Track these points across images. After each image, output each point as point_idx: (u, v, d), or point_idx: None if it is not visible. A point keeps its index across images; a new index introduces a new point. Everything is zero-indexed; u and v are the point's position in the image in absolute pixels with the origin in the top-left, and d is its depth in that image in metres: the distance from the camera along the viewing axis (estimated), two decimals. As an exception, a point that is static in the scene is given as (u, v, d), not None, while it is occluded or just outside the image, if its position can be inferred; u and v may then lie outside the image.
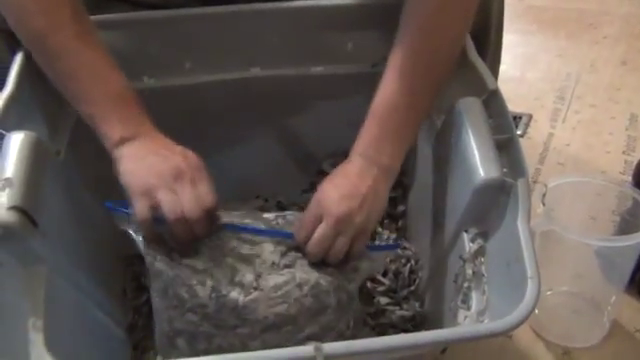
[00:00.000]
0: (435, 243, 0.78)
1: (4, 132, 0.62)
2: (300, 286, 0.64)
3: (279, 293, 0.63)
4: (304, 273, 0.65)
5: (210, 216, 0.62)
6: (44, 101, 0.71)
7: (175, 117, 0.87)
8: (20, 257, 0.59)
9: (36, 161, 0.61)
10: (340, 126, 0.91)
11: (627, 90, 1.36)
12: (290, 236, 0.67)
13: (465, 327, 0.60)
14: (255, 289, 0.63)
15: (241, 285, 0.64)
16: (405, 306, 0.79)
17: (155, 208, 0.60)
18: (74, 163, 0.72)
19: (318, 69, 0.84)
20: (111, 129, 0.62)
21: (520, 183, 0.61)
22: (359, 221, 0.62)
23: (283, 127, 0.93)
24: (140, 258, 0.84)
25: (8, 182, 0.58)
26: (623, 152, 1.20)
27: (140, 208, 0.60)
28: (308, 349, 0.50)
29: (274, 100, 0.87)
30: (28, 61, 0.69)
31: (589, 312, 0.89)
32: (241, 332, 0.63)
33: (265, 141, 0.93)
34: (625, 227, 0.86)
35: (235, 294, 0.63)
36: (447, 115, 0.72)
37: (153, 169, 0.60)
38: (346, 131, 0.91)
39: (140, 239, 0.66)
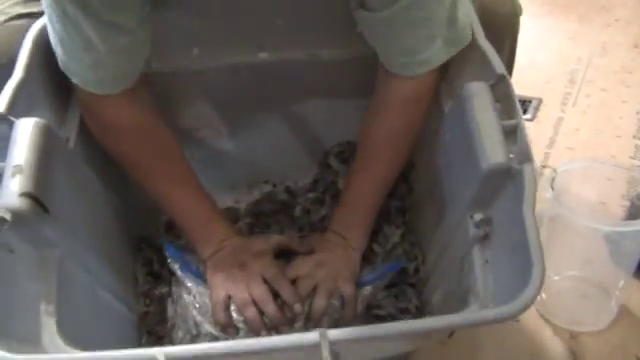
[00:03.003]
0: (440, 229, 0.77)
1: (13, 119, 0.62)
2: None
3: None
4: None
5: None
6: (53, 87, 0.71)
7: (183, 102, 0.88)
8: (32, 242, 0.59)
9: (46, 147, 0.61)
10: (348, 110, 0.91)
11: (639, 73, 1.35)
12: None
13: (470, 313, 0.60)
14: None
15: None
16: (401, 297, 0.79)
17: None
18: (83, 149, 0.72)
19: (327, 52, 0.84)
20: (203, 247, 0.75)
21: (526, 169, 0.60)
22: (323, 274, 0.72)
23: (291, 112, 0.92)
24: (148, 242, 0.86)
25: (18, 169, 0.58)
26: (634, 136, 1.19)
27: (219, 318, 0.70)
28: (313, 335, 0.50)
29: (282, 85, 0.87)
30: (37, 47, 0.69)
31: (597, 297, 0.89)
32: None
33: (273, 126, 0.92)
34: (635, 212, 0.86)
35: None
36: (454, 100, 0.71)
37: (230, 278, 0.71)
38: (354, 116, 0.91)
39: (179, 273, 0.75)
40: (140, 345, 0.76)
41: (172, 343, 0.73)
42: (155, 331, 0.77)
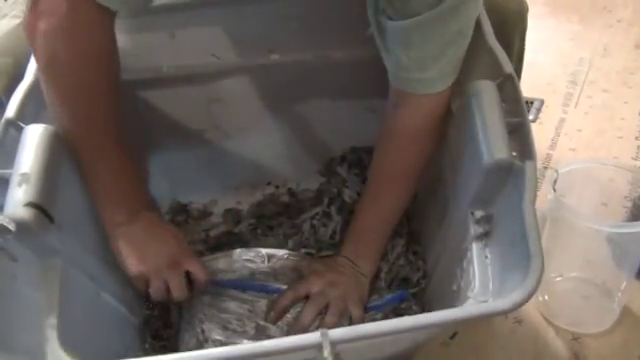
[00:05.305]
0: (442, 228, 0.78)
1: (22, 124, 0.62)
2: None
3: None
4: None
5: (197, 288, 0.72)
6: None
7: (193, 104, 0.88)
8: (35, 250, 0.59)
9: (53, 155, 0.61)
10: (354, 114, 0.91)
11: (641, 74, 1.35)
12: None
13: (469, 307, 0.60)
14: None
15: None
16: (403, 306, 0.80)
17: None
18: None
19: (337, 54, 0.84)
20: (111, 215, 0.68)
21: (528, 166, 0.61)
22: (335, 294, 0.74)
23: (298, 114, 0.93)
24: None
25: (25, 177, 0.58)
26: (636, 137, 1.19)
27: (138, 287, 0.70)
28: (315, 335, 0.50)
29: (291, 86, 0.87)
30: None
31: (599, 298, 0.89)
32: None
33: (279, 128, 0.93)
34: (637, 213, 0.86)
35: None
36: (461, 99, 0.71)
37: (147, 256, 0.68)
38: (359, 120, 0.91)
39: None
40: (144, 349, 0.76)
41: (177, 346, 0.73)
42: (159, 335, 0.77)
